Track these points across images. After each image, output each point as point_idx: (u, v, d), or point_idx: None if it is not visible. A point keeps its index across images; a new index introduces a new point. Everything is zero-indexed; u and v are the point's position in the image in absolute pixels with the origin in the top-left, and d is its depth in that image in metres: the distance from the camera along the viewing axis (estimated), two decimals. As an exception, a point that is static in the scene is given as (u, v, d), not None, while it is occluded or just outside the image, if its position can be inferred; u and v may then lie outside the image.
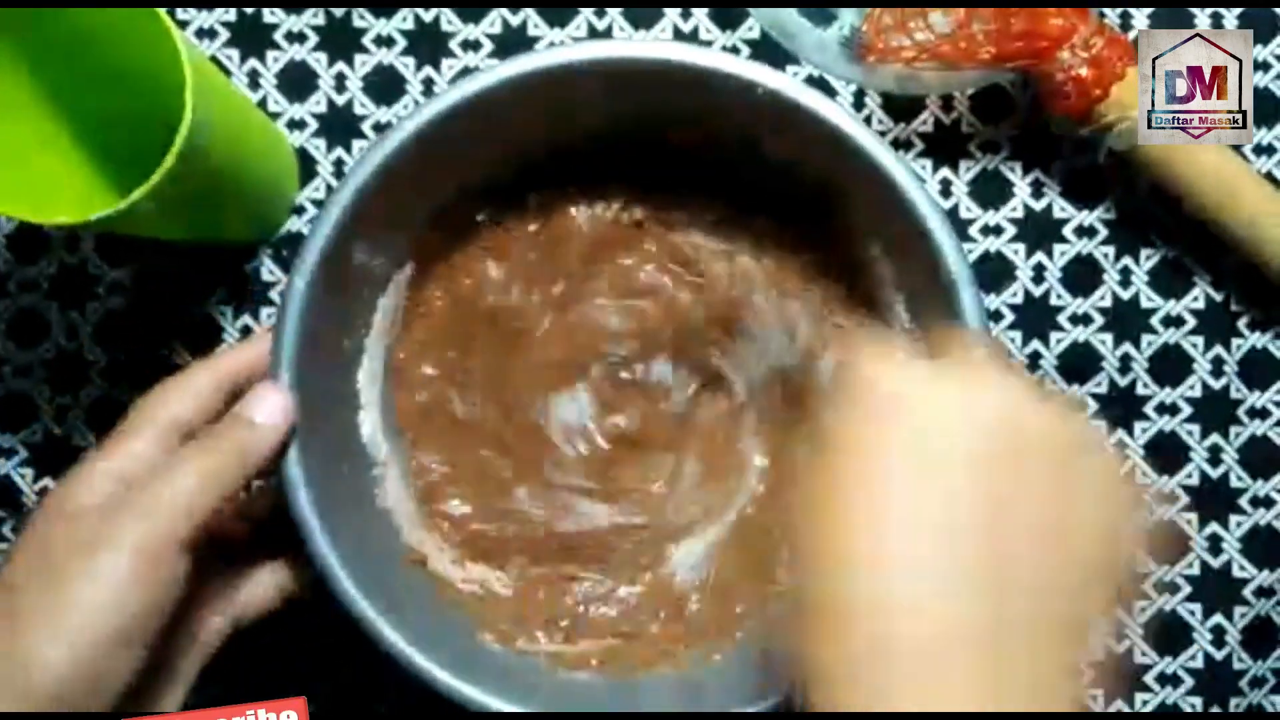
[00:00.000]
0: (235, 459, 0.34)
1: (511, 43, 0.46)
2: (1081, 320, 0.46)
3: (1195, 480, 0.46)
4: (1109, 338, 0.46)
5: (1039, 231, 0.46)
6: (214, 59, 0.46)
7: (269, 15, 0.45)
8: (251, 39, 0.46)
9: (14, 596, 0.31)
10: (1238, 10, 0.45)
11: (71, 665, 0.30)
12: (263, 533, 0.39)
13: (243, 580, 0.38)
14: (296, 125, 0.46)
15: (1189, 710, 0.45)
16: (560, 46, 0.42)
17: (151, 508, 0.32)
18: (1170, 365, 0.46)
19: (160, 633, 0.32)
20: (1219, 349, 0.46)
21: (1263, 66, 0.45)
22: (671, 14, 0.46)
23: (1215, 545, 0.46)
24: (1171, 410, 0.46)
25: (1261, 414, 0.46)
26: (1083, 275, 0.46)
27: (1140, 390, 0.46)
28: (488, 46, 0.46)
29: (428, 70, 0.46)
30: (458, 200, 0.42)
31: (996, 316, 0.45)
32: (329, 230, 0.37)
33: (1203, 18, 0.45)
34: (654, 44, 0.43)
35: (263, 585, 0.38)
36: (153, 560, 0.31)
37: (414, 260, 0.42)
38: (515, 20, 0.46)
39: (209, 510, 0.33)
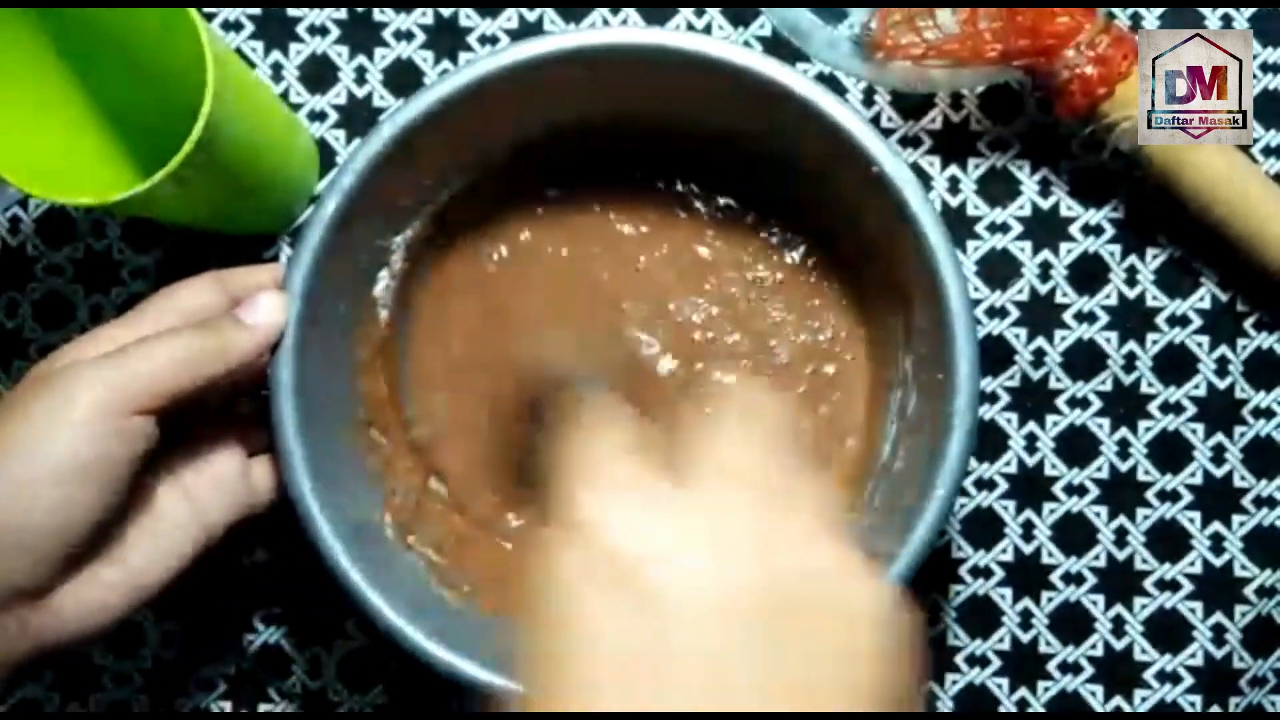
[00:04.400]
0: (215, 348, 0.35)
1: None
2: (1087, 318, 0.46)
3: (1199, 479, 0.46)
4: (1114, 336, 0.46)
5: (1046, 229, 0.46)
6: (238, 51, 0.47)
7: (292, 9, 0.47)
8: (274, 32, 0.47)
9: None
10: (1249, 11, 0.45)
11: (9, 498, 0.32)
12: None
13: (252, 469, 0.39)
14: (317, 117, 0.47)
15: (1188, 708, 0.46)
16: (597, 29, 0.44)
17: (114, 373, 0.33)
18: (1175, 364, 0.46)
19: (112, 482, 0.33)
20: (1224, 349, 0.46)
21: (1273, 69, 0.46)
22: (685, 11, 0.46)
23: (1217, 544, 0.46)
24: (1176, 409, 0.46)
25: (1266, 414, 0.46)
26: (1089, 273, 0.46)
27: (1145, 389, 0.46)
28: (505, 42, 0.47)
29: (445, 64, 0.47)
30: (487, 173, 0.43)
31: (1002, 313, 0.46)
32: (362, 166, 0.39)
33: (1213, 19, 0.46)
34: (707, 40, 0.40)
35: (266, 476, 0.39)
36: (105, 417, 0.33)
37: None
38: (532, 16, 0.46)
39: (176, 389, 0.34)
